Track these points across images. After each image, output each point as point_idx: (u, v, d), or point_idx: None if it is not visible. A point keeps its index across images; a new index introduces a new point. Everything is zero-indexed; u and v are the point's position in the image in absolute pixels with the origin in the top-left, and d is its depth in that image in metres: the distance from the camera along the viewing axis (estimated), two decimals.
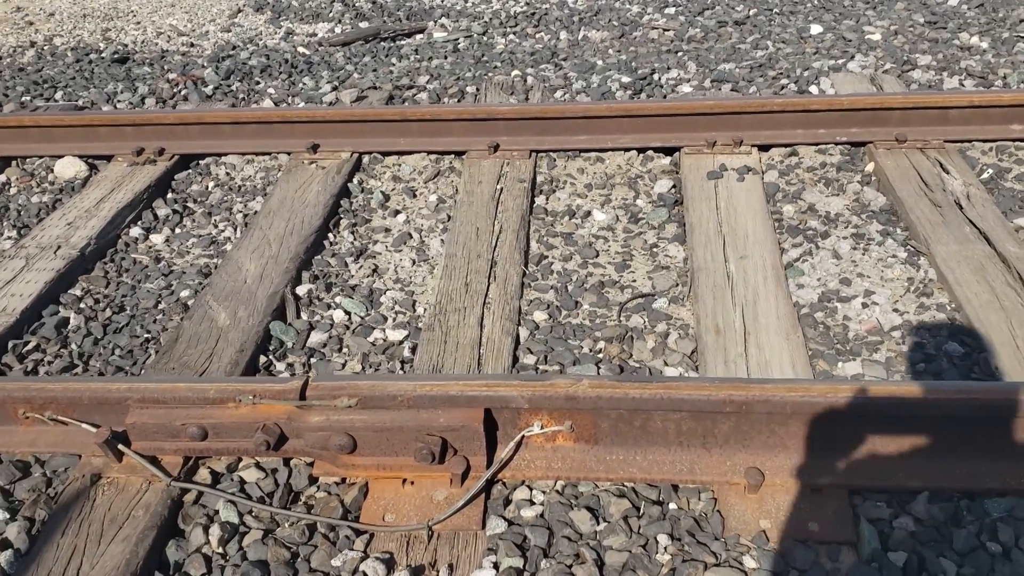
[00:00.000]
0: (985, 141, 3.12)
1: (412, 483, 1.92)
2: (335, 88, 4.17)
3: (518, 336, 2.40)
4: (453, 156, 3.37)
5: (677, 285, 2.59)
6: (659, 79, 4.00)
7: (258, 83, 4.37)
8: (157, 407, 1.92)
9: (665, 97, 3.82)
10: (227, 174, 3.38)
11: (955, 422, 1.78)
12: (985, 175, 2.96)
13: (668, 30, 5.19)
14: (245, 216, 3.09)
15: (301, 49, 5.23)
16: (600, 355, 2.32)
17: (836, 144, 3.18)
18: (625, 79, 3.97)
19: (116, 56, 5.09)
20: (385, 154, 3.40)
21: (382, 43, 5.45)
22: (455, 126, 3.32)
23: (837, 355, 2.25)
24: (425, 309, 2.55)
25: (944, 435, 1.79)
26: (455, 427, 1.84)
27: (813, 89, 3.74)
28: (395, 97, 4.02)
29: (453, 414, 1.85)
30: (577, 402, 1.84)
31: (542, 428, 1.88)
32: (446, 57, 4.92)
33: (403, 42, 5.45)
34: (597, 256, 2.75)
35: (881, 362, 2.21)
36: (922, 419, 1.78)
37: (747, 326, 2.35)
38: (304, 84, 4.31)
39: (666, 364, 2.28)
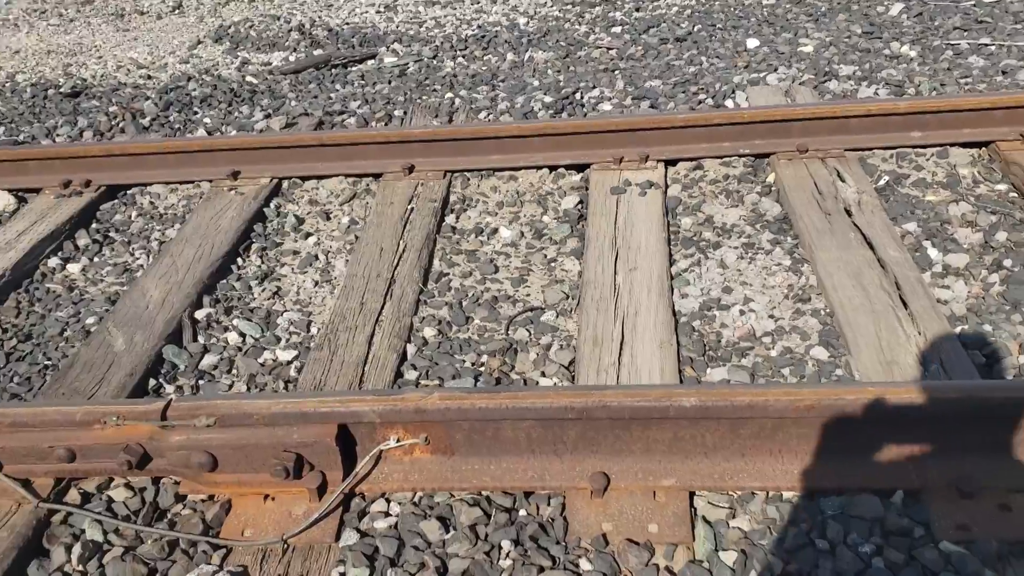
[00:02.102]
0: (885, 148, 3.17)
1: (273, 499, 1.97)
2: (268, 116, 4.26)
3: (405, 352, 2.46)
4: (371, 178, 3.44)
5: (567, 298, 2.64)
6: (581, 98, 4.07)
7: (196, 113, 4.46)
8: (27, 431, 1.98)
9: (585, 115, 3.89)
10: (151, 203, 3.46)
11: (793, 423, 1.82)
12: (882, 182, 3.01)
13: (611, 49, 5.27)
14: (161, 244, 3.16)
15: (249, 78, 5.33)
16: (482, 368, 2.37)
17: (740, 156, 3.24)
18: (548, 99, 4.05)
19: (70, 91, 5.19)
20: (304, 179, 3.47)
21: (333, 70, 5.54)
22: (371, 149, 3.40)
23: (707, 362, 2.30)
24: (319, 329, 2.61)
25: (781, 437, 1.84)
26: (309, 443, 1.90)
27: (729, 103, 3.81)
28: (324, 123, 4.10)
29: (307, 430, 1.91)
30: (427, 415, 1.89)
31: (398, 442, 1.93)
32: (390, 82, 5.00)
33: (353, 68, 5.53)
34: (496, 272, 2.81)
35: (748, 367, 2.25)
36: (758, 421, 1.82)
37: (625, 336, 2.40)
38: (240, 113, 4.40)
39: (543, 375, 2.33)
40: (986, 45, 4.45)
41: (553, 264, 2.84)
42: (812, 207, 2.86)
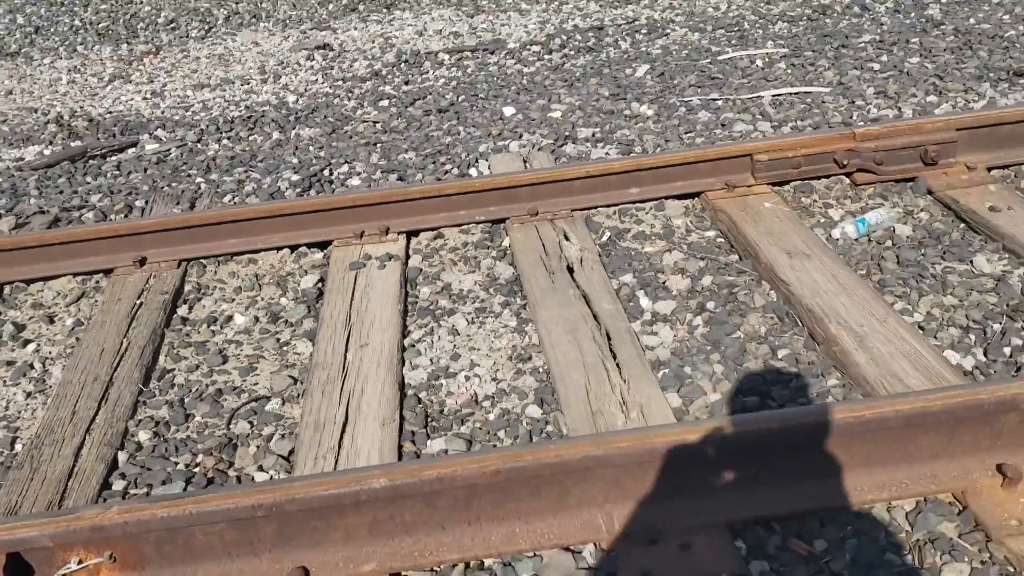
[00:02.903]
0: (609, 206, 3.34)
1: None
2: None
3: (116, 461, 2.32)
4: (102, 275, 3.28)
5: (296, 383, 2.59)
6: (329, 174, 4.08)
7: None
8: None
9: (334, 191, 3.90)
10: None
11: (485, 490, 1.84)
12: (604, 238, 3.17)
13: (377, 122, 5.32)
14: None
15: None
16: (196, 469, 2.26)
17: (477, 223, 3.32)
18: (295, 177, 4.02)
19: None
20: (28, 282, 3.26)
21: (90, 161, 5.29)
22: (100, 244, 3.24)
23: (428, 434, 2.30)
24: (23, 446, 2.42)
25: (477, 505, 1.85)
26: None
27: (473, 171, 3.92)
28: (62, 220, 3.89)
29: None
30: (106, 531, 1.78)
31: (80, 563, 1.80)
32: (146, 170, 4.83)
33: (113, 158, 5.31)
34: (225, 362, 2.72)
35: (467, 435, 2.27)
36: (451, 492, 1.83)
37: (349, 417, 2.37)
38: None
39: (261, 469, 2.25)
40: (714, 100, 4.82)
41: (286, 348, 2.78)
42: (539, 268, 2.96)
